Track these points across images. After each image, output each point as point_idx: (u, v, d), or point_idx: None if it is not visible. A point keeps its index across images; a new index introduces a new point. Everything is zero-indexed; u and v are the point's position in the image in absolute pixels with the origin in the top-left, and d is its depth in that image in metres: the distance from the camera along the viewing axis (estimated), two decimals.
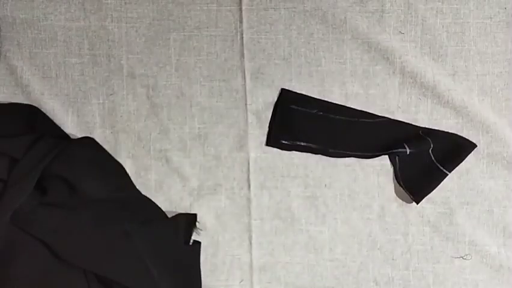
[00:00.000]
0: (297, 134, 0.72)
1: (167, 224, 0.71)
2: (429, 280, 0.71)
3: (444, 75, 0.71)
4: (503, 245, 0.71)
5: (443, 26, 0.71)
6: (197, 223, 0.72)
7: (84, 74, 0.73)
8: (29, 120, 0.71)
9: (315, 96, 0.72)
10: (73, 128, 0.73)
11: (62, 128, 0.72)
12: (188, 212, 0.72)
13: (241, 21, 0.72)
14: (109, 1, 0.73)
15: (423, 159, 0.71)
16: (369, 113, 0.72)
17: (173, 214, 0.71)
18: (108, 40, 0.73)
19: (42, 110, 0.72)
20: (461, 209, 0.71)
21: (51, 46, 0.73)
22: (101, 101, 0.73)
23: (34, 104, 0.72)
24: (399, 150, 0.71)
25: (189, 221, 0.71)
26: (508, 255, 0.71)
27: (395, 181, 0.72)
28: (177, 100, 0.73)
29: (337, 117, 0.72)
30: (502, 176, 0.71)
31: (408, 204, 0.72)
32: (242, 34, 0.72)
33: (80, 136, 0.72)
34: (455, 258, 0.71)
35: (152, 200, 0.72)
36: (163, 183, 0.73)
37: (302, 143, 0.72)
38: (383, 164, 0.72)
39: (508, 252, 0.71)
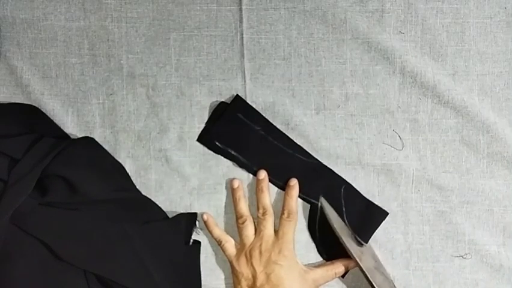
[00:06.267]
0: (232, 141, 0.71)
1: (167, 224, 0.71)
2: (429, 279, 0.71)
3: (445, 75, 0.71)
4: (503, 245, 0.71)
5: (443, 26, 0.71)
6: (197, 222, 0.72)
7: (84, 74, 0.73)
8: (29, 120, 0.71)
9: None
10: (73, 128, 0.73)
11: (62, 128, 0.72)
12: (189, 211, 0.72)
13: (241, 21, 0.72)
14: (109, 1, 0.73)
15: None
16: (306, 151, 0.71)
17: (174, 214, 0.71)
18: (108, 40, 0.73)
19: (42, 110, 0.72)
20: (461, 208, 0.72)
21: (52, 46, 0.73)
22: (101, 101, 0.73)
23: (34, 104, 0.72)
24: (313, 201, 0.71)
25: (189, 220, 0.71)
26: (508, 255, 0.71)
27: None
28: (177, 100, 0.73)
29: (275, 142, 0.71)
30: (503, 175, 0.71)
31: (408, 204, 0.72)
32: (242, 34, 0.72)
33: (80, 136, 0.72)
34: (455, 257, 0.72)
35: (152, 199, 0.72)
36: (163, 182, 0.73)
37: (232, 152, 0.71)
38: (383, 163, 0.72)
39: (508, 252, 0.71)
